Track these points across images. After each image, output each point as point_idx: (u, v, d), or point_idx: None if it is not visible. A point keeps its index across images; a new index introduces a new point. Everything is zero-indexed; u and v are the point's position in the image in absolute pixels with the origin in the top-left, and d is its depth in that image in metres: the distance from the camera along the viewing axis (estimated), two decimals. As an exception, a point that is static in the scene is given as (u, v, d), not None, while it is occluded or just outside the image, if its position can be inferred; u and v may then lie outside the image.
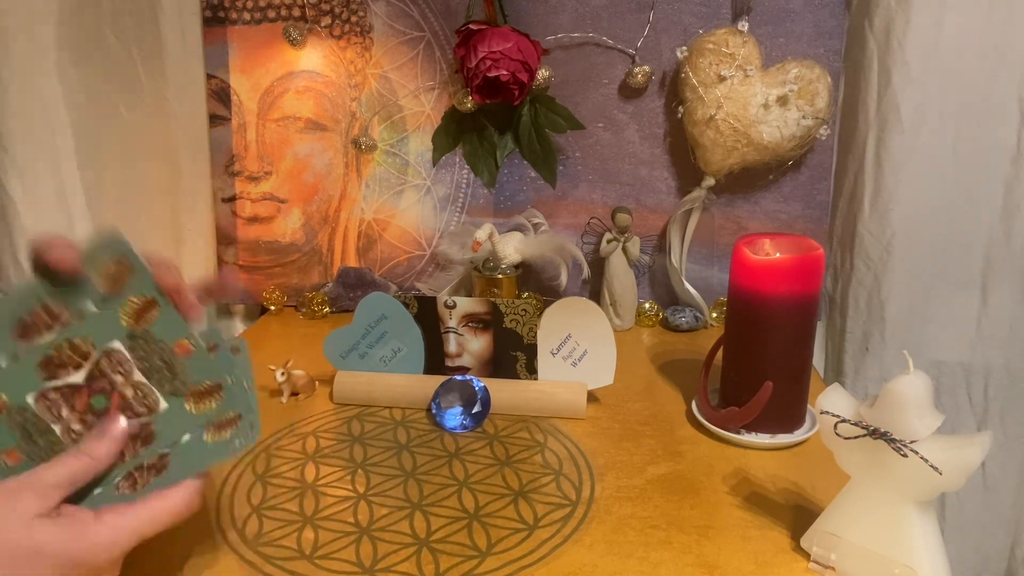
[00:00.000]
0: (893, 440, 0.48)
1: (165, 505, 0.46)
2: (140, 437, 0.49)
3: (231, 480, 0.66)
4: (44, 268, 0.48)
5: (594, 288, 1.04)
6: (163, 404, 0.50)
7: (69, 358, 0.49)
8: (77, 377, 0.49)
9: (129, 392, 0.50)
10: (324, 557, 0.56)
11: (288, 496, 0.63)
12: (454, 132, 1.03)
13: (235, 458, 0.68)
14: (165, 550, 0.56)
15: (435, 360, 0.80)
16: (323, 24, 1.02)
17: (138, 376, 0.50)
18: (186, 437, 0.49)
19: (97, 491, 0.47)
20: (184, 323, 0.51)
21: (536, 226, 1.02)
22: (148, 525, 0.45)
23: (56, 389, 0.49)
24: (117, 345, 0.50)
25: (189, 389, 0.50)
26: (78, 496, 0.46)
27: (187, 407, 0.49)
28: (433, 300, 0.78)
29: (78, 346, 0.49)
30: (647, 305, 1.02)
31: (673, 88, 0.97)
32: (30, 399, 0.48)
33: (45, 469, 0.45)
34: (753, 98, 0.90)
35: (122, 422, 0.48)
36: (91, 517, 0.44)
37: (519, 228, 1.02)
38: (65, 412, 0.49)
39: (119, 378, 0.50)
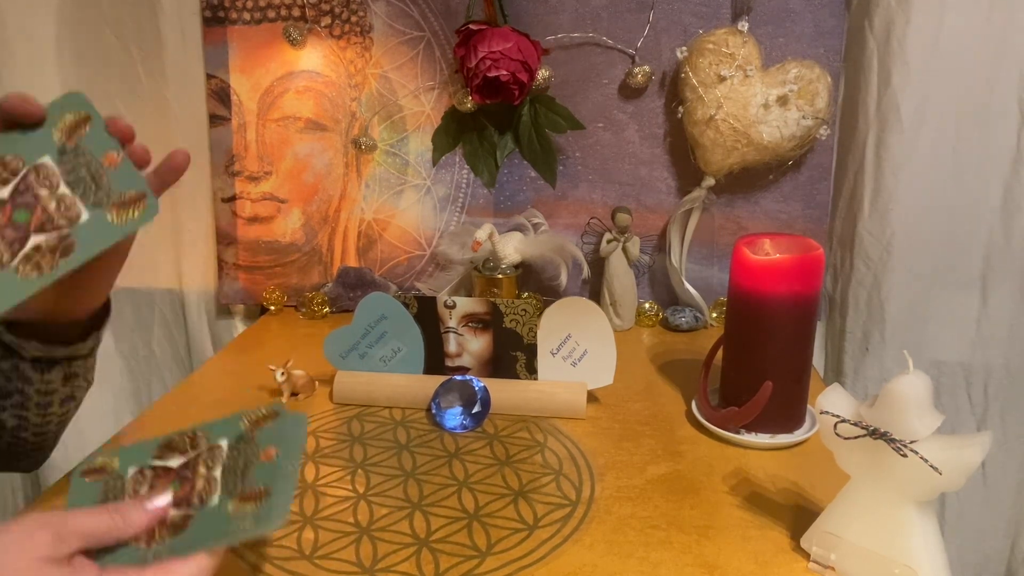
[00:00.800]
0: (893, 440, 0.48)
1: None
2: (176, 526, 0.47)
3: (231, 480, 0.66)
4: (3, 121, 0.48)
5: (594, 288, 1.04)
6: (84, 214, 0.49)
7: None
8: (3, 192, 0.49)
9: (52, 205, 0.49)
10: (324, 557, 0.56)
11: (288, 496, 0.63)
12: (454, 132, 1.03)
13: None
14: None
15: (435, 360, 0.80)
16: (323, 24, 1.02)
17: (63, 189, 0.49)
18: (214, 501, 0.47)
19: (113, 553, 0.46)
20: (111, 138, 0.51)
21: (536, 226, 1.02)
22: None
23: None
24: (47, 160, 0.49)
25: (238, 491, 0.48)
26: (94, 551, 0.45)
27: (229, 507, 0.47)
28: (433, 300, 0.78)
29: (8, 163, 0.49)
30: (647, 305, 1.02)
31: (673, 88, 0.97)
32: None
33: (75, 516, 0.44)
34: (753, 98, 0.90)
35: (166, 499, 0.47)
36: (94, 574, 0.43)
37: (519, 228, 1.02)
38: None
39: (44, 191, 0.49)
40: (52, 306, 0.56)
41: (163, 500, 0.47)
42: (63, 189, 0.49)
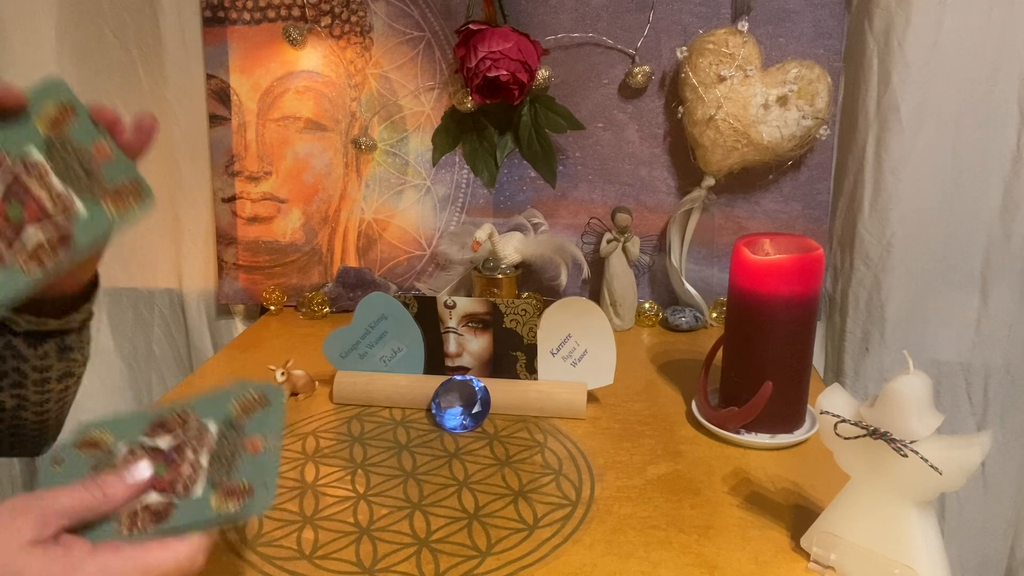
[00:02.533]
0: (893, 440, 0.48)
1: (167, 555, 0.43)
2: (157, 513, 0.47)
3: (231, 480, 0.66)
4: None
5: (594, 288, 1.04)
6: (80, 208, 0.49)
7: None
8: None
9: (45, 198, 0.49)
10: (324, 557, 0.56)
11: (288, 496, 0.63)
12: (454, 132, 1.03)
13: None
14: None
15: (435, 360, 0.80)
16: (323, 24, 1.01)
17: (56, 184, 0.49)
18: (198, 492, 0.47)
19: (95, 530, 0.45)
20: (98, 127, 0.50)
21: (536, 226, 1.02)
22: (144, 574, 0.43)
23: None
24: (35, 155, 0.49)
25: (223, 484, 0.47)
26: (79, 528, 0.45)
27: (212, 501, 0.47)
28: (433, 300, 0.78)
29: None
30: (647, 305, 1.02)
31: (673, 88, 0.97)
32: None
33: (53, 496, 0.43)
34: (753, 98, 0.90)
35: (146, 471, 0.47)
36: (86, 552, 0.42)
37: (519, 228, 1.02)
38: None
39: (35, 185, 0.49)
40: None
41: (142, 472, 0.47)
42: (55, 182, 0.49)
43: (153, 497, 0.47)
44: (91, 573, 0.42)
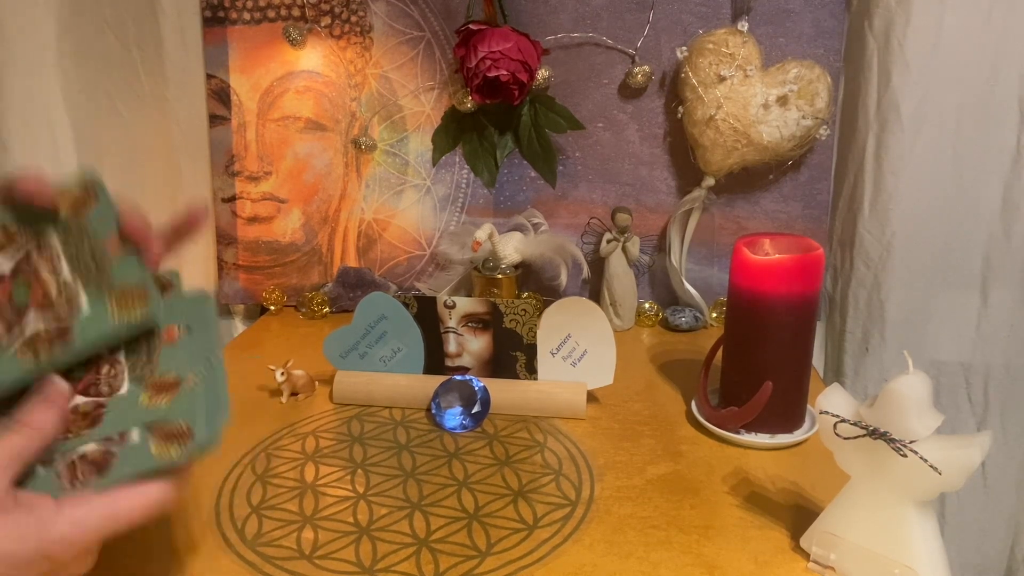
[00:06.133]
0: (893, 440, 0.48)
1: (136, 502, 0.42)
2: (88, 415, 0.45)
3: (231, 480, 0.66)
4: (11, 199, 0.46)
5: (594, 288, 1.04)
6: (84, 303, 0.46)
7: None
8: (4, 267, 0.46)
9: (53, 287, 0.47)
10: (324, 557, 0.56)
11: (288, 496, 0.63)
12: (454, 132, 1.03)
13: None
14: (164, 550, 0.57)
15: (435, 360, 0.80)
16: (323, 24, 1.02)
17: (65, 271, 0.47)
18: (135, 438, 0.45)
19: (41, 472, 0.43)
20: (116, 222, 0.48)
21: (536, 226, 1.02)
22: (114, 522, 0.41)
23: None
24: (50, 236, 0.47)
25: (150, 380, 0.46)
26: (23, 476, 0.42)
27: (142, 398, 0.45)
28: (433, 300, 0.78)
29: (11, 234, 0.46)
30: (647, 305, 1.02)
31: (673, 88, 0.97)
32: None
33: None
34: (753, 98, 0.90)
35: (61, 383, 0.45)
36: (51, 509, 0.40)
37: (519, 228, 1.02)
38: None
39: (45, 271, 0.47)
40: None
41: (58, 383, 0.45)
42: (64, 269, 0.47)
43: (79, 399, 0.45)
44: (64, 530, 0.40)
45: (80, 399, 0.46)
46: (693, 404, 0.77)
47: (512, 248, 0.98)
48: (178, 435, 0.44)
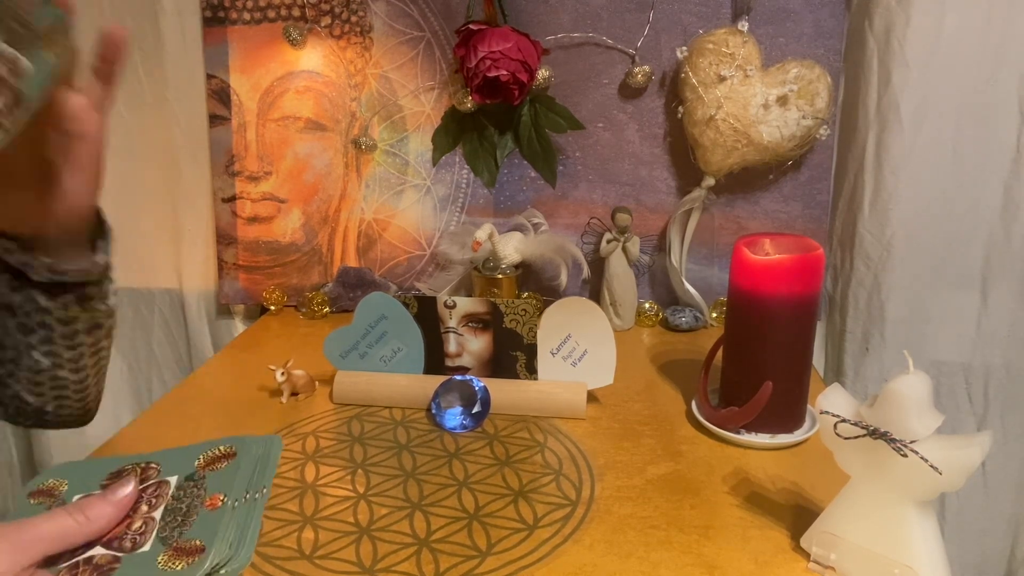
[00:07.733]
0: (893, 440, 0.48)
1: None
2: (99, 569, 0.44)
3: (231, 480, 0.66)
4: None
5: (594, 288, 1.04)
6: (27, 64, 0.45)
7: None
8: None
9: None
10: (324, 557, 0.56)
11: (288, 496, 0.63)
12: (454, 132, 1.03)
13: None
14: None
15: (435, 360, 0.80)
16: (323, 24, 1.02)
17: (4, 48, 0.45)
18: (146, 547, 0.45)
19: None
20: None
21: (536, 226, 1.02)
22: None
23: None
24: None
25: (174, 542, 0.46)
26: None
27: (160, 558, 0.45)
28: (433, 300, 0.78)
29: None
30: (647, 305, 1.02)
31: (673, 88, 0.97)
32: None
33: (32, 523, 0.41)
34: (753, 98, 0.90)
35: (131, 490, 0.45)
36: None
37: (519, 228, 1.02)
38: None
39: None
40: (37, 212, 0.53)
41: (126, 490, 0.46)
42: (2, 46, 0.45)
43: (99, 551, 0.45)
44: None
45: (100, 551, 0.45)
46: (693, 404, 0.77)
47: (512, 248, 0.98)
48: (189, 551, 0.45)
